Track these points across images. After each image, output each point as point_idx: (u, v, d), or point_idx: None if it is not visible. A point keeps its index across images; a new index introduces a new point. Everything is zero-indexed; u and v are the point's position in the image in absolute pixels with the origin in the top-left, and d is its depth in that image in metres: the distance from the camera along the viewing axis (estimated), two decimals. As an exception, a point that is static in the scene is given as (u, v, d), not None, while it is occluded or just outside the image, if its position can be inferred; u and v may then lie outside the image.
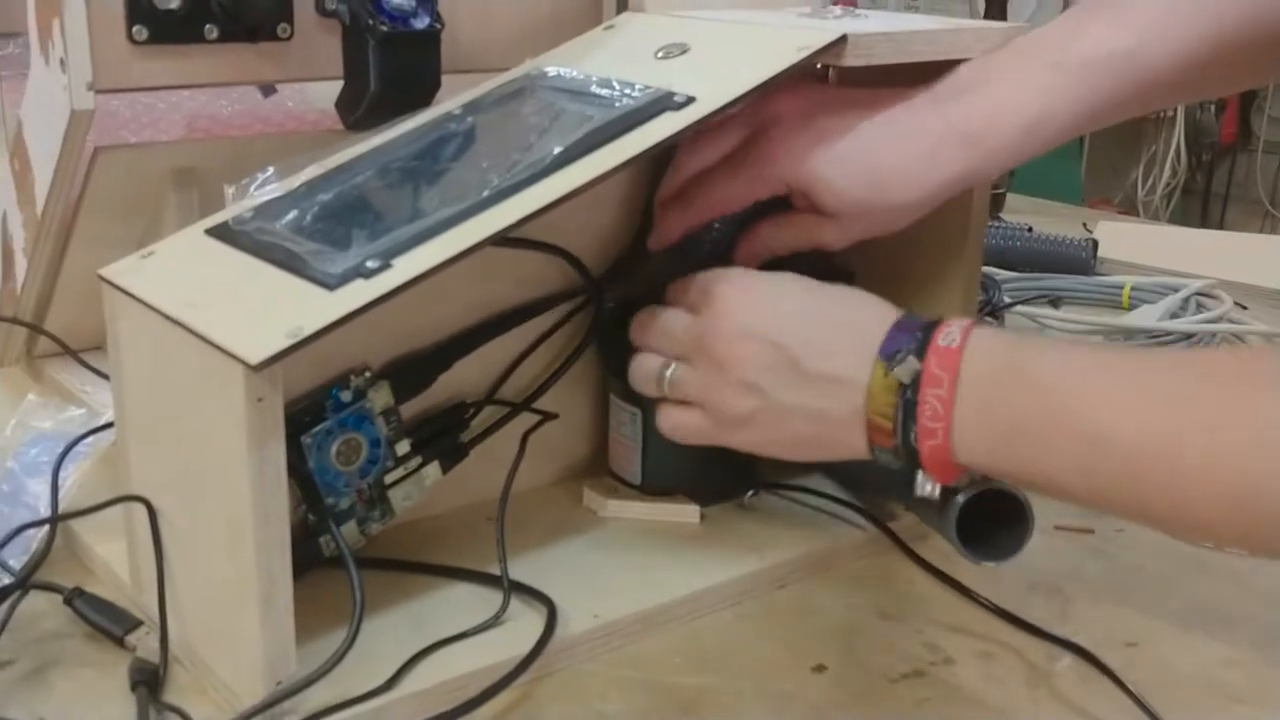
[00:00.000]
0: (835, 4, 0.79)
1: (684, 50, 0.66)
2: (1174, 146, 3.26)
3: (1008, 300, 1.15)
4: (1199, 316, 1.13)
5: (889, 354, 0.58)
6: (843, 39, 0.61)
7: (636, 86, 0.63)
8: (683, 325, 0.64)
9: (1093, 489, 0.54)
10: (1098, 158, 3.41)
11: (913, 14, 0.69)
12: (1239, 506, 0.49)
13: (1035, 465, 0.55)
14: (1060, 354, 0.57)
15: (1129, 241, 1.39)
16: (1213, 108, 3.38)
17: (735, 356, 0.61)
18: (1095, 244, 1.29)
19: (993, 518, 0.63)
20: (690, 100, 0.60)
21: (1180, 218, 3.31)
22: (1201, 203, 3.80)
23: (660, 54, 0.67)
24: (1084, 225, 1.45)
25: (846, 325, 0.61)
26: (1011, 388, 0.56)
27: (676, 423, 0.65)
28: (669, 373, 0.65)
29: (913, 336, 0.58)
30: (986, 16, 1.58)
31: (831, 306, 0.63)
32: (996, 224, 1.31)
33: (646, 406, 0.73)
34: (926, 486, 0.59)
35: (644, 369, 0.66)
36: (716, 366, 0.62)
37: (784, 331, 0.61)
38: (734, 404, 0.62)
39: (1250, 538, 0.50)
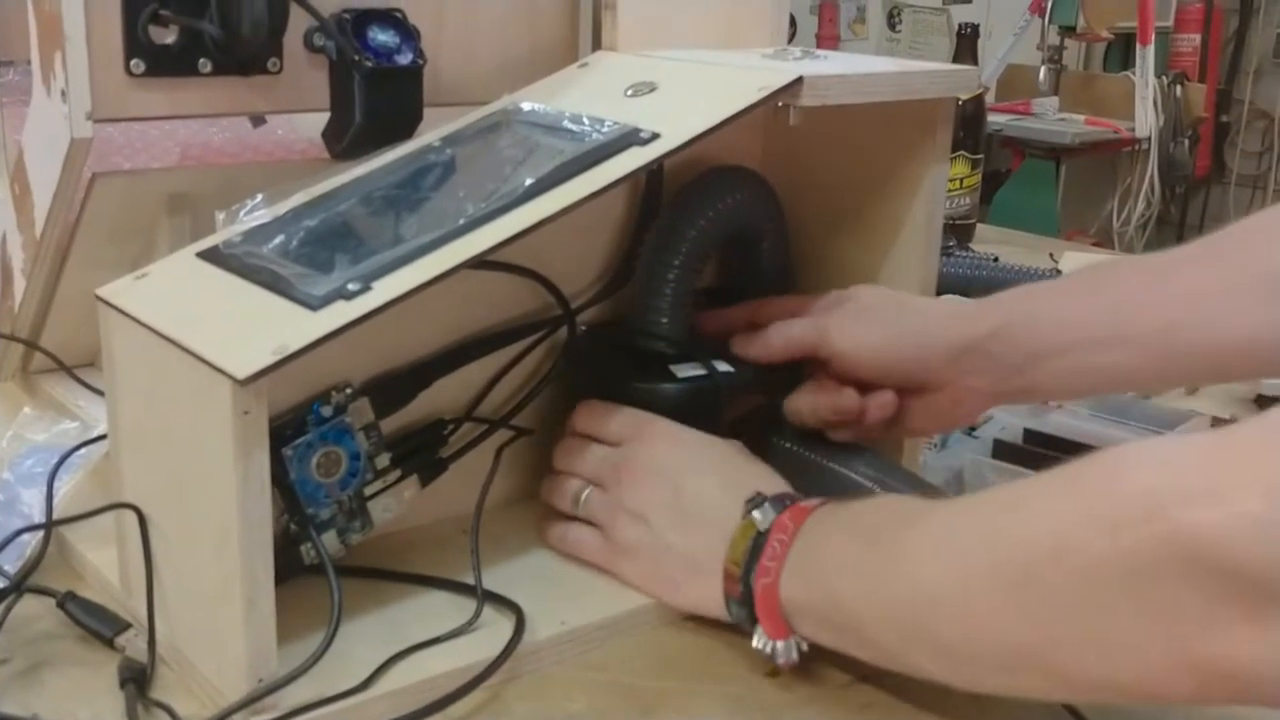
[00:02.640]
0: (823, 44, 0.83)
1: (652, 89, 0.70)
2: (1148, 179, 3.31)
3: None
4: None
5: (751, 500, 0.63)
6: (799, 80, 0.65)
7: (606, 123, 0.67)
8: (604, 453, 0.71)
9: (901, 637, 0.56)
10: (1073, 191, 3.46)
11: (873, 56, 0.72)
12: (1022, 656, 0.51)
13: (845, 607, 0.58)
14: (899, 506, 0.61)
15: (1093, 272, 1.42)
16: (1186, 141, 3.44)
17: (637, 488, 0.69)
18: (1059, 274, 1.33)
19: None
20: (655, 136, 0.64)
21: (1155, 249, 3.36)
22: (1176, 235, 3.85)
23: (630, 92, 0.71)
24: (1050, 255, 1.49)
25: (739, 483, 0.65)
26: (841, 534, 0.60)
27: (576, 539, 0.72)
28: (585, 494, 0.71)
29: (786, 495, 0.63)
30: (957, 57, 1.62)
31: (738, 468, 0.68)
32: (963, 253, 1.35)
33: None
34: (760, 641, 0.61)
35: (563, 488, 0.73)
36: (620, 494, 0.69)
37: (685, 477, 0.68)
38: (625, 532, 0.69)
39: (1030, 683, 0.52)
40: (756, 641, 0.62)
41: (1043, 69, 3.38)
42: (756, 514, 0.62)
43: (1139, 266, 0.72)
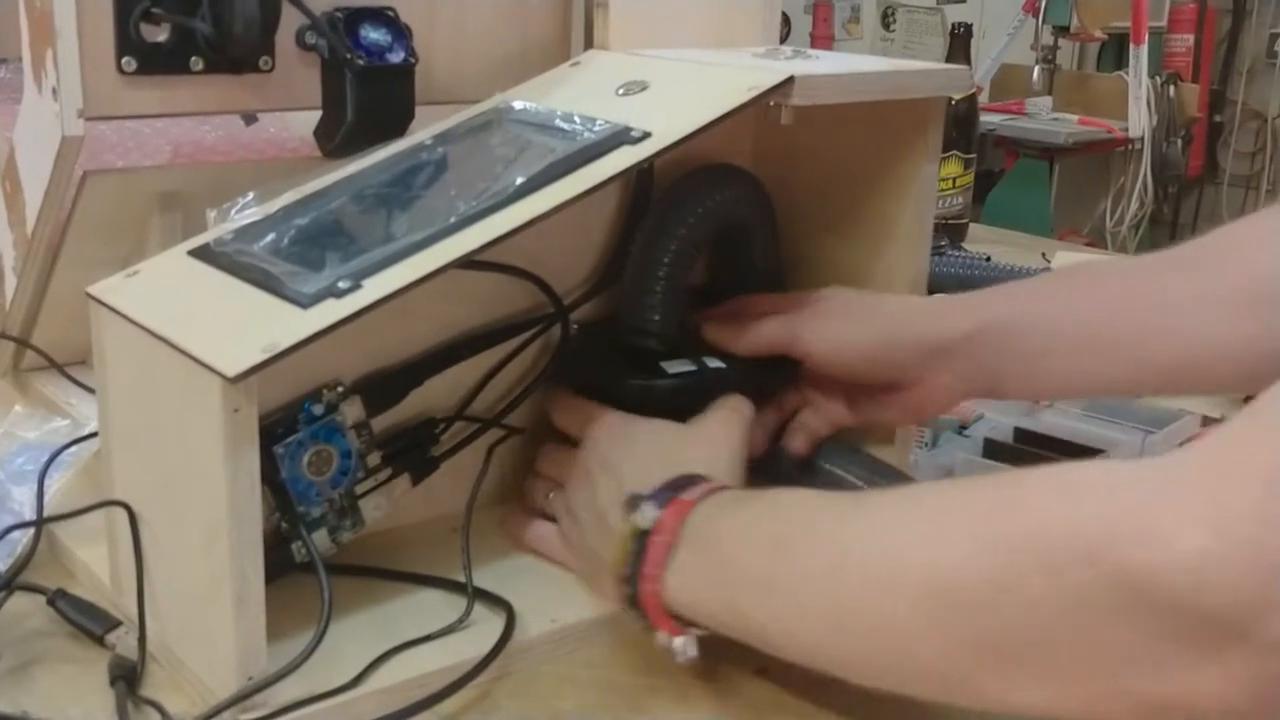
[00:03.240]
0: (818, 44, 0.83)
1: (643, 88, 0.70)
2: (1141, 179, 3.32)
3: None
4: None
5: (631, 501, 0.61)
6: (790, 80, 0.65)
7: (597, 121, 0.67)
8: (565, 455, 0.72)
9: (815, 654, 0.56)
10: (1066, 190, 3.47)
11: (865, 55, 0.73)
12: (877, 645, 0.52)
13: (750, 617, 0.56)
14: (804, 510, 0.58)
15: (1085, 271, 1.43)
16: (1179, 141, 3.44)
17: (574, 487, 0.68)
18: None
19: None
20: (646, 135, 0.64)
21: (1148, 249, 3.37)
22: (1169, 234, 3.86)
23: (621, 91, 0.71)
24: (1043, 255, 1.49)
25: (646, 478, 0.63)
26: (739, 539, 0.58)
27: (538, 535, 0.73)
28: (550, 493, 0.72)
29: (669, 488, 0.61)
30: (950, 57, 1.63)
31: (655, 460, 0.65)
32: (955, 253, 1.35)
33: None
34: (663, 639, 0.60)
35: (532, 489, 0.75)
36: (567, 493, 0.70)
37: (603, 474, 0.66)
38: (568, 530, 0.69)
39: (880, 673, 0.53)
40: (659, 640, 0.60)
41: (1036, 69, 3.38)
42: (635, 516, 0.60)
43: (1116, 273, 0.72)
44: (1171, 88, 3.48)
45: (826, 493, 0.59)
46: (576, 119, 0.68)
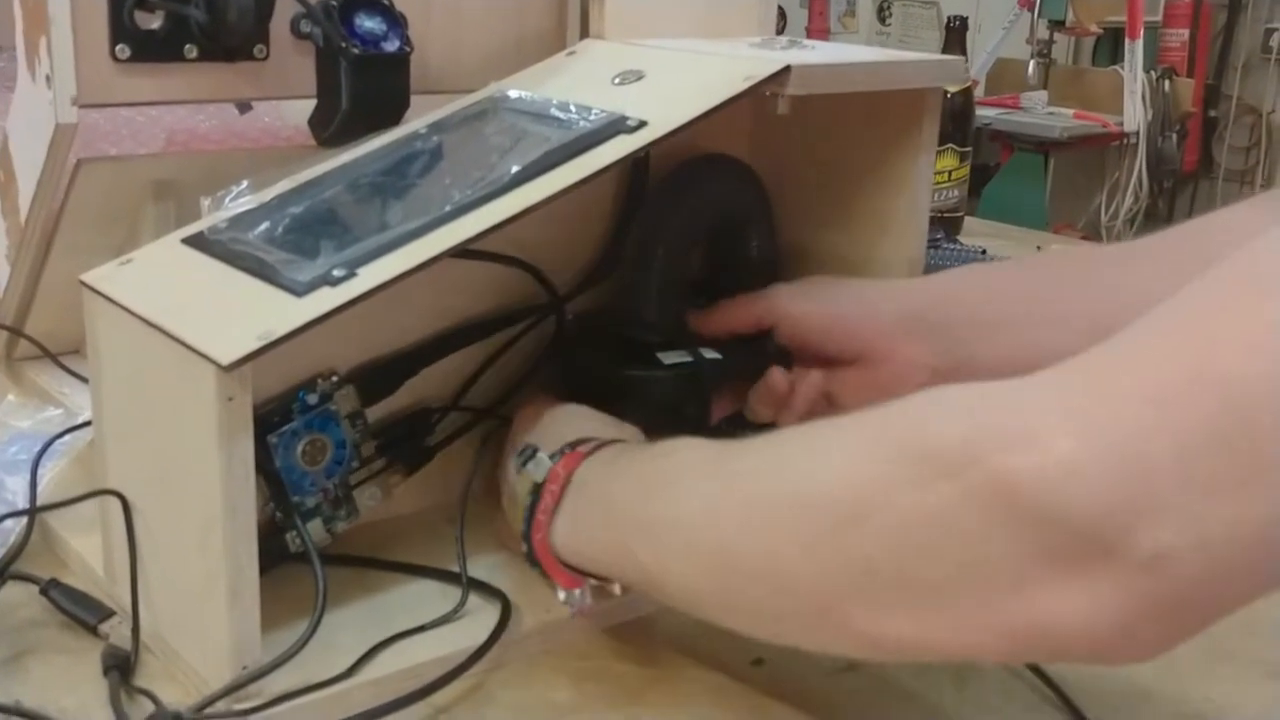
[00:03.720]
0: (813, 37, 0.83)
1: (639, 77, 0.70)
2: (1136, 173, 3.32)
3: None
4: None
5: (521, 453, 0.62)
6: (786, 69, 0.65)
7: (593, 110, 0.67)
8: None
9: (697, 594, 0.56)
10: (1062, 184, 3.47)
11: (861, 47, 0.73)
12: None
13: (639, 561, 0.57)
14: (690, 453, 0.58)
15: (1080, 265, 1.43)
16: (1174, 135, 3.44)
17: (504, 465, 0.68)
18: (1046, 267, 1.33)
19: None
20: (642, 124, 0.64)
21: (1142, 243, 3.36)
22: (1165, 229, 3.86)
23: (617, 80, 0.70)
24: (1038, 249, 1.49)
25: (550, 440, 0.64)
26: (627, 482, 0.59)
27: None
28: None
29: (568, 444, 0.62)
30: (946, 50, 1.62)
31: (575, 424, 0.66)
32: (950, 246, 1.35)
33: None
34: (561, 594, 0.62)
35: None
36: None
37: (525, 445, 0.66)
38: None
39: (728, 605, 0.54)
40: (559, 594, 0.62)
41: (1032, 63, 3.38)
42: (530, 467, 0.61)
43: (1085, 255, 0.73)
44: (1167, 82, 3.48)
45: (717, 441, 0.59)
46: (572, 108, 0.68)
